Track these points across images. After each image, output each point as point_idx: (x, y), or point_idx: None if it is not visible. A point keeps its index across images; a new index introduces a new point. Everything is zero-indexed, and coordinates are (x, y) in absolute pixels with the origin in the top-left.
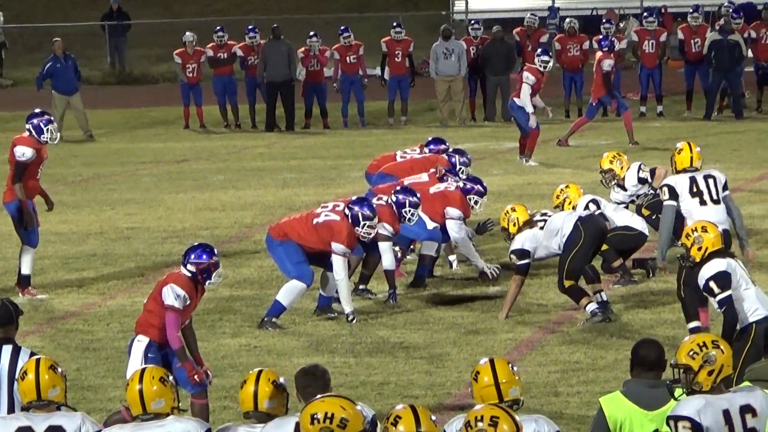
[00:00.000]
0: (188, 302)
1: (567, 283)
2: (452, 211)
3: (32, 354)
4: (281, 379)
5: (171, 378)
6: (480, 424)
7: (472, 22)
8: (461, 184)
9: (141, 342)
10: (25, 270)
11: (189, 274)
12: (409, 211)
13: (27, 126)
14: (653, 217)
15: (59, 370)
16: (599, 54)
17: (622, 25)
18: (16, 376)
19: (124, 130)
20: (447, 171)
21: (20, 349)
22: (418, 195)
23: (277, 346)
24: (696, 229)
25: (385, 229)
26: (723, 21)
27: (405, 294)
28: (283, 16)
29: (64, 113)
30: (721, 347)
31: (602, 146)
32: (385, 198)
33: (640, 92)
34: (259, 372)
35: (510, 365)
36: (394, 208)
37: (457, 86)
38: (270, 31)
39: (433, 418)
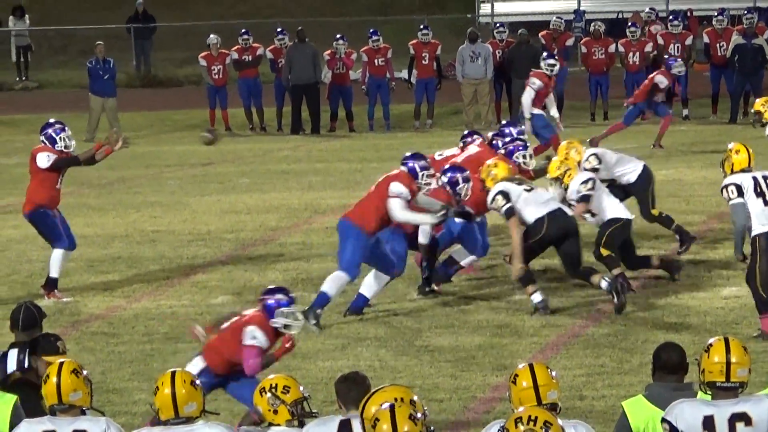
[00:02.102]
0: (267, 345)
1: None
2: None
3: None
4: (197, 381)
5: (199, 381)
6: (531, 424)
7: (498, 25)
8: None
9: (197, 365)
10: (54, 273)
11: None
12: (464, 186)
13: (41, 138)
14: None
15: (84, 373)
16: (661, 69)
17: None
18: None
19: (149, 132)
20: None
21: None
22: (467, 169)
23: (302, 349)
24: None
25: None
26: (747, 24)
27: (429, 298)
28: (307, 19)
29: (100, 116)
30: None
31: (627, 149)
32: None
33: None
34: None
35: (549, 369)
36: (448, 188)
37: (483, 89)
38: (294, 34)
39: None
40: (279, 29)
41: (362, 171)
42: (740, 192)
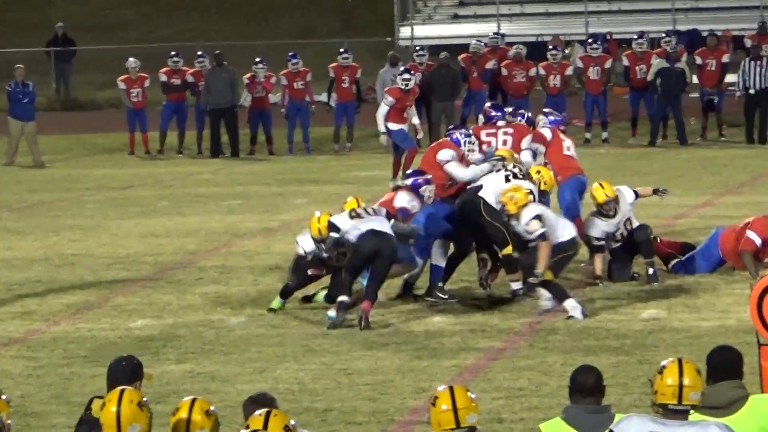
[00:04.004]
0: None
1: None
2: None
3: None
4: (213, 408)
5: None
6: None
7: (417, 48)
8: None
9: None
10: None
11: None
12: (426, 188)
13: None
14: None
15: (2, 397)
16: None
17: (567, 51)
18: None
19: (69, 156)
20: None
21: None
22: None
23: (221, 373)
24: None
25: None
26: (668, 48)
27: (349, 320)
28: (228, 43)
29: (19, 140)
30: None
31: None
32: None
33: (584, 119)
34: (193, 400)
35: (469, 392)
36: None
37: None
38: (213, 58)
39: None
40: (199, 53)
41: (282, 194)
42: None
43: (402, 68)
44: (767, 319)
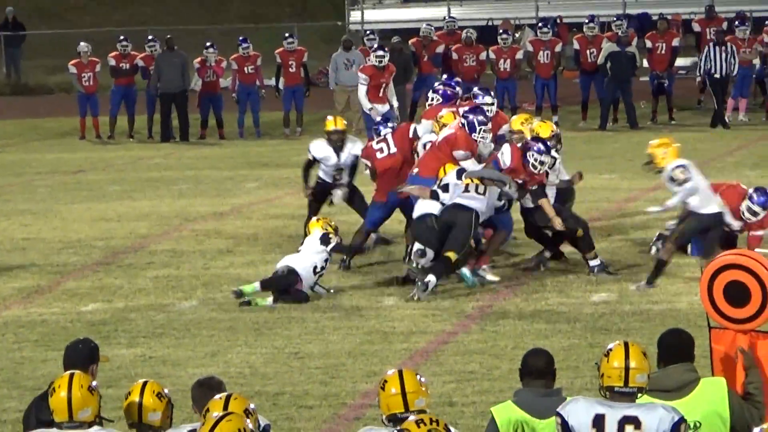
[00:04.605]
0: None
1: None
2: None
3: None
4: (165, 390)
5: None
6: (434, 425)
7: (368, 32)
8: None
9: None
10: None
11: None
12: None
13: None
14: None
15: None
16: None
17: (517, 35)
18: None
19: (19, 140)
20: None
21: None
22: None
23: (172, 356)
24: None
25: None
26: (620, 32)
27: (302, 304)
28: (178, 27)
29: None
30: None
31: None
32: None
33: (535, 102)
34: (144, 383)
35: (418, 376)
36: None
37: (356, 97)
38: (164, 42)
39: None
40: (150, 37)
41: (233, 178)
42: None
43: (375, 45)
44: (718, 303)
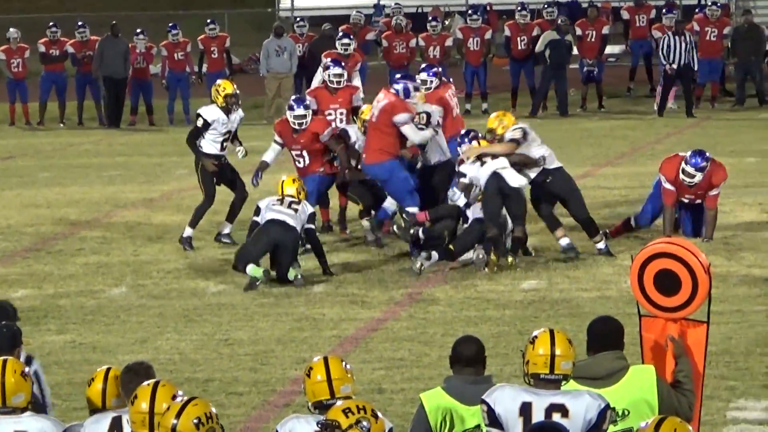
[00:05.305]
0: None
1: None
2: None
3: None
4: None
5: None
6: (362, 413)
7: (298, 19)
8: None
9: None
10: None
11: None
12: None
13: None
14: None
15: None
16: None
17: (447, 22)
18: None
19: None
20: None
21: None
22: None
23: (102, 343)
24: None
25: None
26: (560, 21)
27: (231, 291)
28: (109, 13)
29: None
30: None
31: None
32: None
33: (465, 90)
34: (107, 369)
35: (343, 363)
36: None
37: (287, 84)
38: (109, 28)
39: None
40: (80, 23)
41: (162, 165)
42: None
43: (340, 33)
44: (648, 291)
